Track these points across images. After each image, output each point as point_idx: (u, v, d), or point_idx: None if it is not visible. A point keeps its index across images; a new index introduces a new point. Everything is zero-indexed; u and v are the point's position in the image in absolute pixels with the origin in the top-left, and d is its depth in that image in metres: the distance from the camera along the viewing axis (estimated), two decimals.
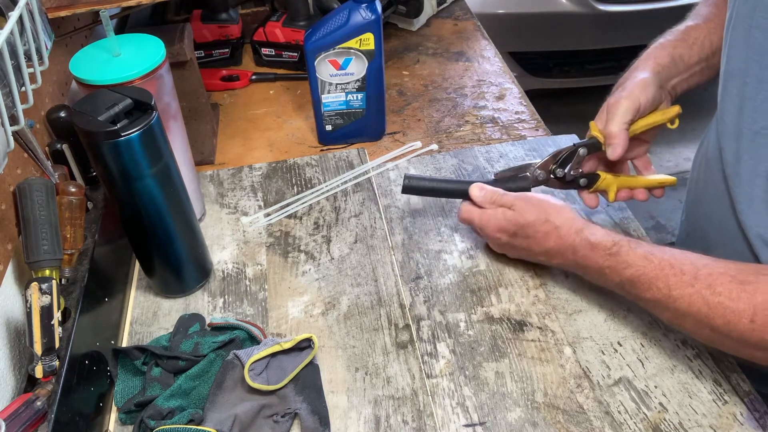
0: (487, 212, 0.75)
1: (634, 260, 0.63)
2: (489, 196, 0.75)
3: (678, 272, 0.59)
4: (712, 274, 0.58)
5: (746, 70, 0.63)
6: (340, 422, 0.64)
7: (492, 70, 1.18)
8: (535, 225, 0.71)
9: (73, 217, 0.69)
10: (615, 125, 0.74)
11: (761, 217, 0.64)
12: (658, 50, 0.79)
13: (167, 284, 0.77)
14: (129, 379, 0.67)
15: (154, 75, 0.71)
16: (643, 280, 0.62)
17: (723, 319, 0.56)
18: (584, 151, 0.76)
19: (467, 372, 0.68)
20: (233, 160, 1.01)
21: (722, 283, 0.57)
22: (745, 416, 0.62)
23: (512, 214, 0.72)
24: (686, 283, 0.58)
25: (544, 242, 0.71)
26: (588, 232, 0.67)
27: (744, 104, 0.64)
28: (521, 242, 0.73)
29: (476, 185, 0.76)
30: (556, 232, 0.69)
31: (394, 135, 1.03)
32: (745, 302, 0.55)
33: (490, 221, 0.74)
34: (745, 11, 0.63)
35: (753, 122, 0.63)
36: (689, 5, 0.85)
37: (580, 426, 0.62)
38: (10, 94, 0.60)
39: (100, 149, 0.61)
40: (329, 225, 0.87)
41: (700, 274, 0.58)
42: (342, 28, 0.88)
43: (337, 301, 0.76)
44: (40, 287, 0.59)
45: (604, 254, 0.65)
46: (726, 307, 0.56)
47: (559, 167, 0.77)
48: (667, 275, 0.60)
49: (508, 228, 0.73)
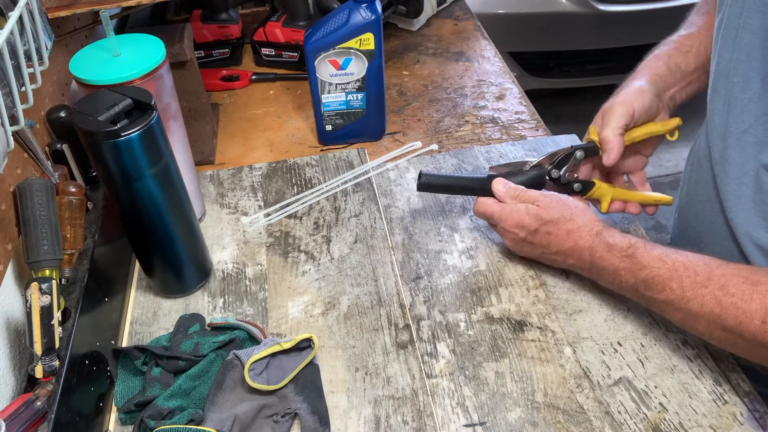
0: (507, 206, 0.74)
1: (649, 261, 0.63)
2: (512, 192, 0.74)
3: (692, 273, 0.60)
4: (726, 275, 0.58)
5: (734, 71, 0.64)
6: (340, 422, 0.64)
7: (492, 70, 1.18)
8: (559, 223, 0.70)
9: (73, 217, 0.69)
10: (609, 130, 0.73)
11: (749, 216, 0.65)
12: (653, 61, 0.79)
13: (167, 284, 0.77)
14: (129, 379, 0.67)
15: (154, 75, 0.71)
16: (657, 281, 0.62)
17: (735, 320, 0.56)
18: (581, 154, 0.76)
19: (467, 372, 0.68)
20: (233, 160, 1.01)
21: (735, 284, 0.57)
22: (745, 416, 0.62)
23: (536, 210, 0.72)
24: (700, 284, 0.59)
25: (564, 241, 0.70)
26: (606, 233, 0.68)
27: (731, 104, 0.65)
28: (540, 239, 0.72)
29: (499, 180, 0.75)
30: (578, 232, 0.69)
31: (394, 135, 1.03)
32: (758, 303, 0.55)
33: (511, 215, 0.73)
34: (734, 12, 0.64)
35: (740, 121, 0.64)
36: (689, 5, 0.85)
37: (580, 426, 0.62)
38: (10, 94, 0.60)
39: (100, 149, 0.61)
40: (329, 225, 0.87)
41: (713, 275, 0.58)
42: (342, 28, 0.88)
43: (337, 301, 0.76)
44: (40, 287, 0.59)
45: (621, 255, 0.65)
46: (738, 308, 0.56)
47: (555, 168, 0.77)
48: (681, 276, 0.60)
49: (530, 224, 0.72)
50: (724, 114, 0.66)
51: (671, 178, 2.38)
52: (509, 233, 0.75)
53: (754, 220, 0.64)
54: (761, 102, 0.61)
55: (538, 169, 0.77)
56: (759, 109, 0.61)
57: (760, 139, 0.61)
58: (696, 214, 0.77)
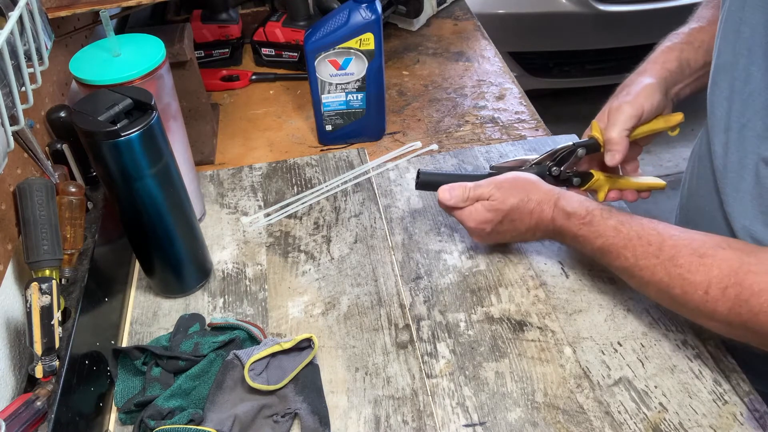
0: (464, 211, 0.75)
1: (605, 230, 0.66)
2: (460, 196, 0.74)
3: (645, 243, 0.63)
4: (676, 246, 0.61)
5: (735, 64, 0.65)
6: (340, 422, 0.64)
7: (492, 70, 1.18)
8: (520, 207, 0.72)
9: (73, 217, 0.69)
10: (616, 131, 0.74)
11: (747, 209, 0.65)
12: (666, 54, 0.79)
13: (167, 284, 0.77)
14: (129, 379, 0.67)
15: (154, 75, 0.71)
16: (612, 250, 0.66)
17: (681, 290, 0.60)
18: (582, 152, 0.76)
19: (467, 372, 0.68)
20: (233, 160, 1.01)
21: (683, 256, 0.60)
22: (745, 416, 0.62)
23: (492, 204, 0.73)
24: (651, 254, 0.62)
25: (529, 220, 0.73)
26: (564, 201, 0.71)
27: (733, 98, 0.65)
28: (507, 227, 0.74)
29: (443, 188, 0.75)
30: (539, 207, 0.72)
31: (394, 135, 1.03)
32: (702, 275, 0.58)
33: (471, 216, 0.74)
34: (736, 6, 0.64)
35: (741, 116, 0.64)
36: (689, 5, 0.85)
37: (580, 426, 0.62)
38: (10, 94, 0.60)
39: (100, 149, 0.61)
40: (329, 225, 0.87)
41: (665, 245, 0.62)
42: (342, 28, 0.88)
43: (337, 301, 0.76)
44: (40, 287, 0.59)
45: (579, 223, 0.69)
46: (684, 279, 0.59)
47: (555, 165, 0.77)
48: (634, 246, 0.64)
49: (492, 218, 0.73)
50: (725, 108, 0.67)
51: (671, 178, 2.37)
52: (475, 231, 0.76)
53: (751, 213, 0.65)
54: (762, 96, 0.61)
55: (538, 167, 0.77)
56: (760, 103, 0.61)
57: (760, 133, 0.62)
58: (697, 207, 0.77)
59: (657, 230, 0.63)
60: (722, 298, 0.57)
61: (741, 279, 0.56)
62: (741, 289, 0.56)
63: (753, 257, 0.56)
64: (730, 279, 0.56)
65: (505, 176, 0.75)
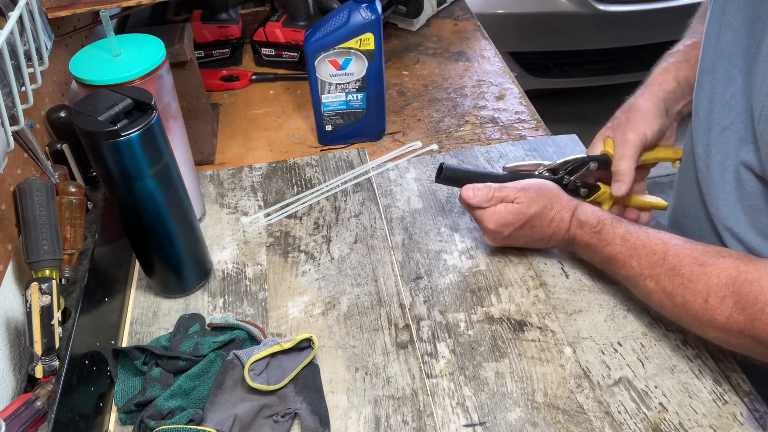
0: (486, 211, 0.74)
1: (613, 239, 0.68)
2: (484, 196, 0.74)
3: (650, 252, 0.64)
4: (678, 255, 0.62)
5: (716, 67, 0.65)
6: (340, 422, 0.64)
7: (492, 70, 1.18)
8: (542, 214, 0.72)
9: (73, 217, 0.69)
10: (625, 164, 0.75)
11: (730, 211, 0.66)
12: (663, 75, 0.80)
13: (167, 284, 0.77)
14: (129, 379, 0.67)
15: (154, 75, 0.71)
16: (619, 258, 0.67)
17: (682, 298, 0.61)
18: (594, 165, 0.78)
19: (467, 372, 0.68)
20: (233, 160, 1.01)
21: (685, 265, 0.61)
22: (745, 416, 0.62)
23: (517, 208, 0.73)
24: (656, 263, 0.63)
25: (548, 228, 0.73)
26: (579, 211, 0.72)
27: (714, 100, 0.66)
28: (526, 232, 0.74)
29: (468, 187, 0.75)
30: (559, 215, 0.72)
31: (394, 135, 1.03)
32: (702, 284, 0.59)
33: (493, 217, 0.74)
34: (717, 10, 0.65)
35: (722, 118, 0.65)
36: (689, 5, 0.86)
37: (580, 426, 0.62)
38: (10, 94, 0.60)
39: (100, 149, 0.61)
40: (329, 225, 0.87)
41: (668, 254, 0.63)
42: (342, 28, 0.88)
43: (337, 301, 0.76)
44: (40, 287, 0.59)
45: (590, 232, 0.70)
46: (686, 287, 0.60)
47: (567, 174, 0.78)
48: (640, 255, 0.65)
49: (514, 222, 0.73)
50: (707, 110, 0.68)
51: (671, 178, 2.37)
52: (493, 232, 0.75)
53: (734, 215, 0.66)
54: (743, 99, 0.62)
55: (551, 174, 0.78)
56: (740, 106, 0.62)
57: (741, 135, 0.63)
58: (683, 208, 0.78)
59: (662, 240, 0.64)
60: (720, 306, 0.57)
61: (738, 288, 0.56)
62: (738, 298, 0.56)
63: (750, 266, 0.57)
64: (728, 288, 0.57)
65: (530, 181, 0.75)
